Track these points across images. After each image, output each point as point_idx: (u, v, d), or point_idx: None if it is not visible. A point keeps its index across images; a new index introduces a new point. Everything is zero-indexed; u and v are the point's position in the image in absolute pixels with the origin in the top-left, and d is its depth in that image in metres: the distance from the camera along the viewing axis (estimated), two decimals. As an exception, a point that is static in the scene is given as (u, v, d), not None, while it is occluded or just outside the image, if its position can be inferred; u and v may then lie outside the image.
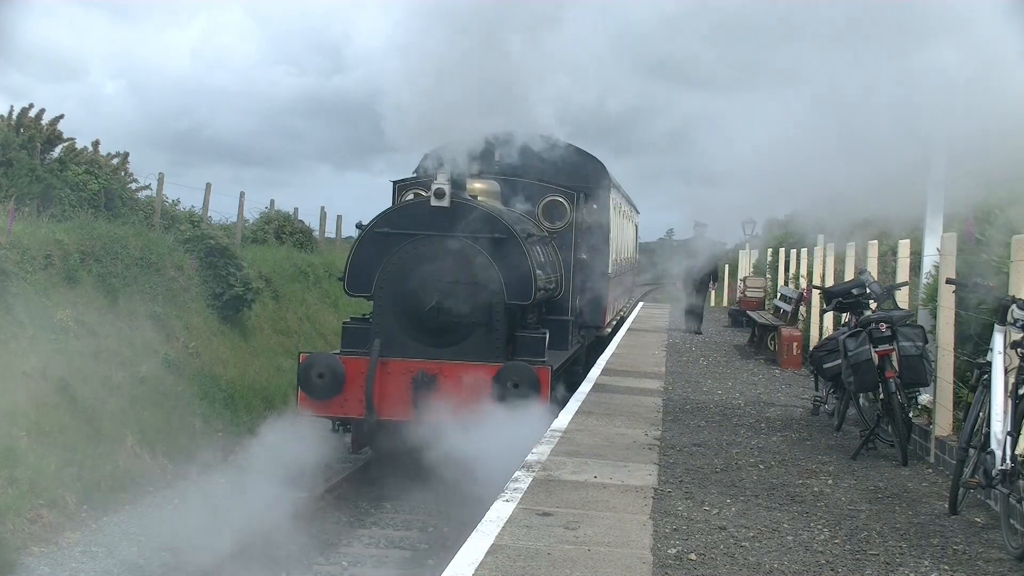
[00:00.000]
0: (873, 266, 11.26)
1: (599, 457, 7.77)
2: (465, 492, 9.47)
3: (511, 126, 13.26)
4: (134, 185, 18.35)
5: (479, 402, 10.40)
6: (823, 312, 13.75)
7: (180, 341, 14.42)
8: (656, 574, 5.07)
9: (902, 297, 9.70)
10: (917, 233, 9.80)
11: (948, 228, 8.85)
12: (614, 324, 19.52)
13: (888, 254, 11.78)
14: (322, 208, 29.71)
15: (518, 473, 7.07)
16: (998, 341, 6.12)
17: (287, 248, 23.07)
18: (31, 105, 16.74)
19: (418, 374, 10.83)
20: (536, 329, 12.15)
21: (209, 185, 20.66)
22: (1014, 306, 6.03)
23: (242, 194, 22.31)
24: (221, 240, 17.30)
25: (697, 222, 21.50)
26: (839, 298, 9.70)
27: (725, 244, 27.57)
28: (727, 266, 31.23)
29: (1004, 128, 7.94)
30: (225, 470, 12.39)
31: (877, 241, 11.66)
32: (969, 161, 8.81)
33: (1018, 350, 5.87)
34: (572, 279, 13.81)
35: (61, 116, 16.95)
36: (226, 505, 10.57)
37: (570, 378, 12.92)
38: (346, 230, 29.92)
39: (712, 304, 28.90)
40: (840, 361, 8.78)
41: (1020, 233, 6.70)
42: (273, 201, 25.86)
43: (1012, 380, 5.85)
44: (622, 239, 19.53)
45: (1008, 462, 5.71)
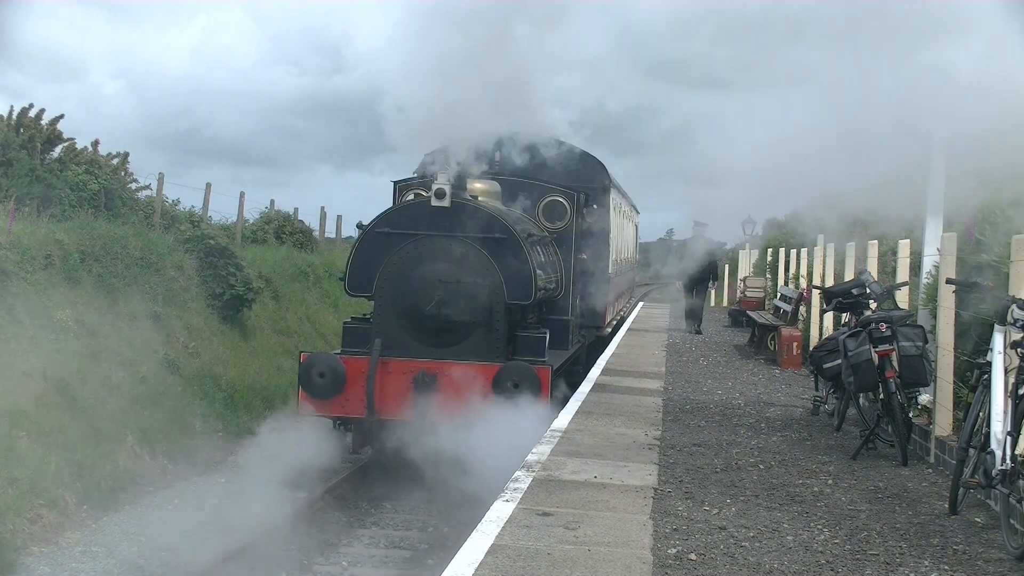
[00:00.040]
0: (873, 266, 11.25)
1: (599, 457, 7.77)
2: (465, 492, 9.48)
3: (511, 126, 13.29)
4: (134, 185, 18.37)
5: (479, 402, 10.41)
6: (823, 312, 13.75)
7: (180, 341, 14.42)
8: (656, 574, 5.07)
9: (902, 297, 9.69)
10: (917, 233, 9.80)
11: (948, 228, 8.85)
12: (614, 324, 19.52)
13: (888, 254, 11.78)
14: (322, 208, 29.78)
15: (518, 473, 7.07)
16: (998, 341, 6.12)
17: (287, 248, 23.07)
18: (31, 105, 16.81)
19: (419, 374, 10.84)
20: (536, 329, 12.16)
21: (209, 185, 20.72)
22: (1014, 306, 6.03)
23: (242, 194, 22.39)
24: (221, 240, 17.29)
25: (697, 222, 21.54)
26: (839, 298, 9.70)
27: (725, 244, 27.61)
28: (727, 266, 31.23)
29: (1004, 128, 7.95)
30: (225, 470, 12.39)
31: (877, 241, 11.66)
32: (969, 161, 8.81)
33: (1018, 350, 5.87)
34: (572, 279, 13.81)
35: (61, 116, 17.01)
36: (226, 505, 10.59)
37: (570, 378, 12.91)
38: (346, 230, 29.96)
39: (712, 304, 28.91)
40: (840, 361, 8.78)
41: (1020, 233, 6.71)
42: (273, 201, 25.94)
43: (1012, 380, 5.86)
44: (622, 239, 19.54)
45: (1008, 462, 5.71)
